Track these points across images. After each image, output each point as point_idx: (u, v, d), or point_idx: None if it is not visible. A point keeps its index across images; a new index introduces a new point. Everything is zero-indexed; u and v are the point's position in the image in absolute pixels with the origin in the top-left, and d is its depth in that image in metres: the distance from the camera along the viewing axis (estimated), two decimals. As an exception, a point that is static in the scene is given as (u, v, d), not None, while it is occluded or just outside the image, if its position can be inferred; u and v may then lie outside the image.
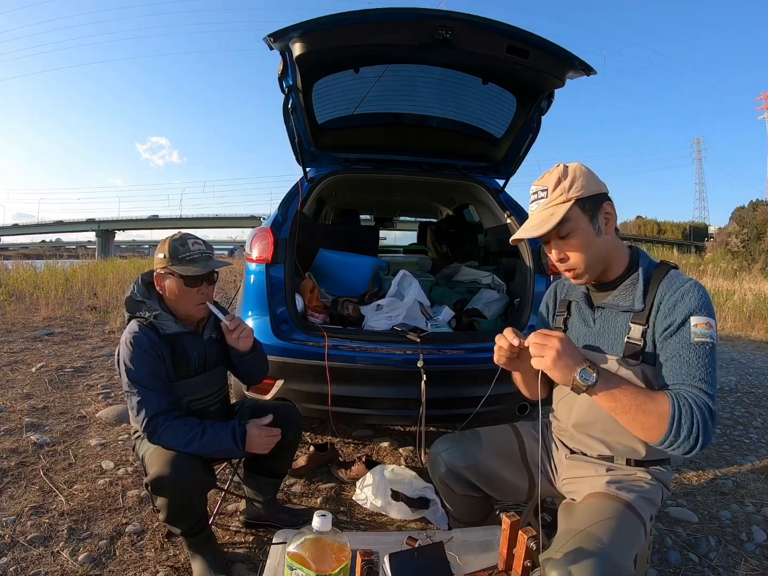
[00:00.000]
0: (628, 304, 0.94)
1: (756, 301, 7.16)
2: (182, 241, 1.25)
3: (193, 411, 1.30)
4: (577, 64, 1.65)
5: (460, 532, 1.11)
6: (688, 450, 0.78)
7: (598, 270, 0.96)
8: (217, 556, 1.27)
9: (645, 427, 0.80)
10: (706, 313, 0.86)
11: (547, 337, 0.82)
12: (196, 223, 54.42)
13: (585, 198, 0.91)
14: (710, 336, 0.85)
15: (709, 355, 0.85)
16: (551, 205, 0.92)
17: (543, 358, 0.81)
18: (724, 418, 2.77)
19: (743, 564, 1.42)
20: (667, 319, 0.88)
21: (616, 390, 0.80)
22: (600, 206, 0.94)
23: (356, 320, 2.00)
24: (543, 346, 0.82)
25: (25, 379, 2.82)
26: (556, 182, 0.92)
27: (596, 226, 0.93)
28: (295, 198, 2.06)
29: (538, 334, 0.83)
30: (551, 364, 0.80)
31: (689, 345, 0.85)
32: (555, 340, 0.81)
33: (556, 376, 0.82)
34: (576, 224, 0.91)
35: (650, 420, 0.79)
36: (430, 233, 4.09)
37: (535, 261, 1.97)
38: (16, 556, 1.28)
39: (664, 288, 0.91)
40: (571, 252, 0.93)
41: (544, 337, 0.83)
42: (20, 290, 6.09)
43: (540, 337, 0.83)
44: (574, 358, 0.81)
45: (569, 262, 0.95)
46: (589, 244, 0.92)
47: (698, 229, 41.71)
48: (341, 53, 1.73)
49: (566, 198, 0.90)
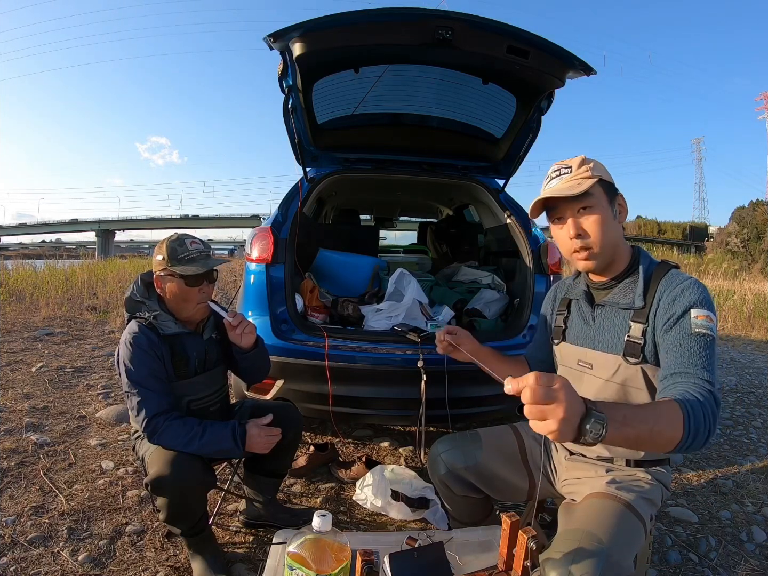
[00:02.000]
0: (628, 301, 0.95)
1: (756, 301, 7.16)
2: (180, 242, 1.25)
3: (193, 411, 1.30)
4: (577, 64, 1.65)
5: (460, 532, 1.11)
6: (701, 446, 0.74)
7: (608, 257, 0.97)
8: (217, 556, 1.27)
9: (660, 445, 0.72)
10: (706, 307, 0.86)
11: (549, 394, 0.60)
12: (196, 223, 54.46)
13: (605, 181, 0.95)
14: (710, 329, 0.84)
15: (710, 347, 0.83)
16: (577, 178, 0.93)
17: (545, 423, 0.61)
18: (724, 418, 2.76)
19: (743, 564, 1.42)
20: (667, 313, 0.88)
21: (628, 429, 0.67)
22: (616, 195, 0.97)
23: (356, 320, 2.00)
24: (545, 407, 0.61)
25: (25, 379, 2.82)
26: (580, 162, 0.95)
27: (614, 210, 0.96)
28: (295, 198, 2.06)
29: (537, 391, 0.60)
30: (557, 429, 0.61)
31: (689, 335, 0.84)
32: (560, 395, 0.60)
33: (560, 439, 0.62)
34: (598, 200, 0.93)
35: (665, 439, 0.71)
36: (430, 233, 4.09)
37: (535, 261, 1.97)
38: (16, 556, 1.28)
39: (664, 285, 0.91)
40: (590, 227, 0.93)
41: (545, 393, 0.60)
42: (20, 290, 6.08)
43: (540, 394, 0.60)
44: (579, 411, 0.63)
45: (587, 239, 0.94)
46: (608, 223, 0.94)
47: (698, 229, 41.70)
48: (341, 53, 1.73)
49: (591, 175, 0.93)
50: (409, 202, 4.67)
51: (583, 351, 1.02)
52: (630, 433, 0.67)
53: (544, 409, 0.61)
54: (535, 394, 0.60)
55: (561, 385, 0.61)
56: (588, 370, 1.01)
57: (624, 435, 0.67)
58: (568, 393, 0.61)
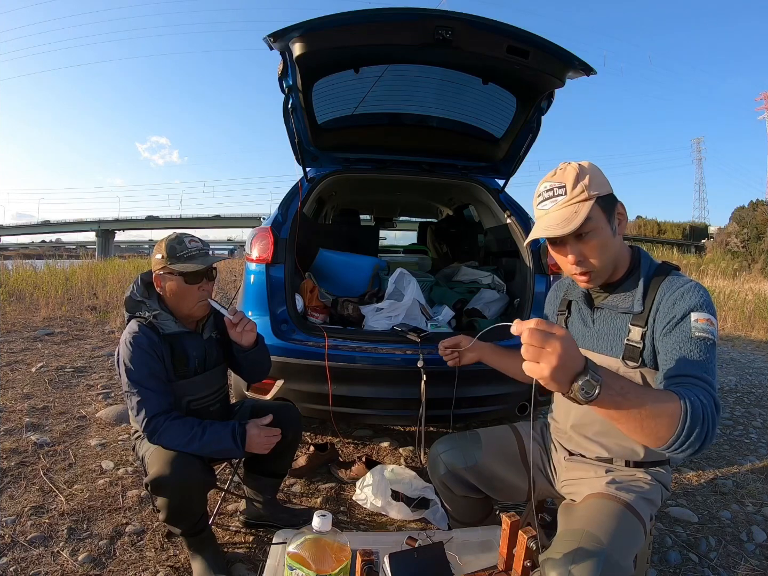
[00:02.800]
0: (628, 305, 0.93)
1: (756, 301, 7.16)
2: (179, 240, 1.25)
3: (193, 411, 1.30)
4: (577, 64, 1.65)
5: (460, 532, 1.11)
6: (697, 450, 0.69)
7: (609, 271, 0.94)
8: (217, 556, 1.27)
9: (651, 431, 0.68)
10: (707, 311, 0.84)
11: (547, 338, 0.61)
12: (196, 223, 54.48)
13: (603, 196, 0.89)
14: (711, 333, 0.82)
15: (710, 350, 0.81)
16: (573, 202, 0.87)
17: (538, 366, 0.62)
18: (724, 418, 2.77)
19: (743, 564, 1.43)
20: (667, 316, 0.86)
21: (622, 400, 0.66)
22: (615, 206, 0.92)
23: (356, 320, 2.00)
24: (540, 350, 0.61)
25: (25, 379, 2.82)
26: (575, 179, 0.87)
27: (613, 226, 0.91)
28: (295, 198, 2.06)
29: (535, 332, 0.62)
30: (549, 375, 0.62)
31: (690, 339, 0.82)
32: (556, 343, 0.61)
33: (551, 386, 0.64)
34: (596, 224, 0.87)
35: (657, 425, 0.67)
36: (430, 233, 4.09)
37: (535, 261, 1.97)
38: (16, 556, 1.28)
39: (664, 288, 0.90)
40: (591, 253, 0.89)
41: (542, 336, 0.61)
42: (20, 290, 6.08)
43: (537, 336, 0.62)
44: (576, 366, 0.63)
45: (588, 263, 0.91)
46: (607, 244, 0.89)
47: (698, 229, 41.70)
48: (341, 53, 1.73)
49: (588, 195, 0.86)
50: (409, 202, 4.67)
51: (582, 353, 1.02)
52: (623, 404, 0.66)
53: (540, 352, 0.62)
54: (533, 335, 0.62)
55: (561, 335, 0.62)
56: None
57: (616, 404, 0.66)
58: (566, 343, 0.62)
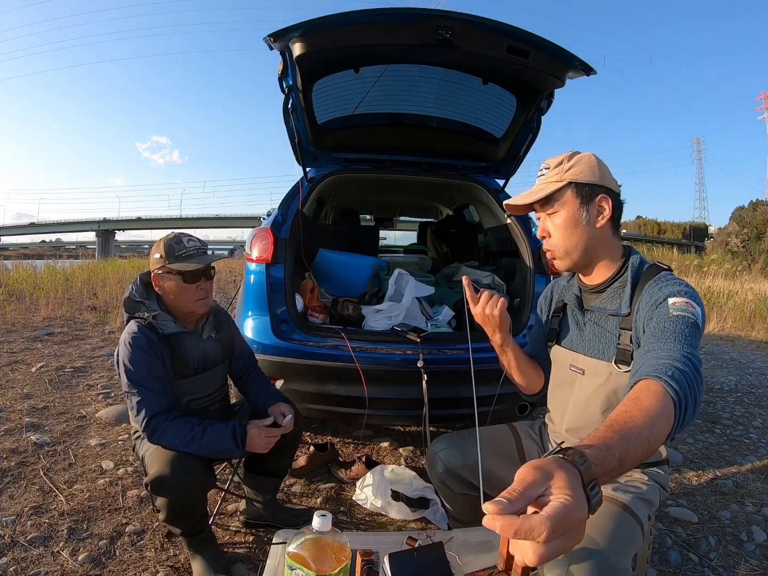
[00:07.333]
0: (615, 307, 0.93)
1: (756, 301, 7.16)
2: (177, 240, 1.26)
3: (192, 411, 1.30)
4: (577, 64, 1.65)
5: (460, 532, 1.10)
6: (691, 419, 0.66)
7: (577, 261, 0.96)
8: (217, 556, 1.27)
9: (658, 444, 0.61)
10: (687, 297, 0.81)
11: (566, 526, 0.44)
12: (196, 223, 54.44)
13: (580, 183, 0.92)
14: (692, 313, 0.78)
15: (690, 327, 0.76)
16: (546, 182, 0.95)
17: (558, 547, 0.44)
18: (724, 418, 2.77)
19: (743, 564, 1.43)
20: (647, 308, 0.85)
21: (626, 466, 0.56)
22: (594, 197, 0.92)
23: (356, 320, 2.00)
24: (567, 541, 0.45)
25: (25, 379, 2.82)
26: (558, 163, 0.95)
27: (585, 214, 0.92)
28: (295, 198, 2.06)
29: (557, 526, 0.43)
30: (574, 545, 0.46)
31: (668, 318, 0.78)
32: (543, 526, 0.42)
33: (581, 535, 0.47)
34: (563, 205, 0.93)
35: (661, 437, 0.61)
36: (430, 233, 4.09)
37: (535, 261, 1.97)
38: (16, 556, 1.28)
39: (648, 288, 0.88)
40: (552, 231, 0.96)
41: (563, 526, 0.44)
42: (20, 290, 6.08)
43: (560, 527, 0.43)
44: (580, 512, 0.46)
45: (549, 241, 0.97)
46: (572, 227, 0.93)
47: (698, 229, 41.71)
48: (341, 53, 1.73)
49: (560, 179, 0.93)
50: (409, 202, 4.66)
51: (575, 356, 1.01)
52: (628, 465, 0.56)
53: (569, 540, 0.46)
54: (557, 526, 0.43)
55: (546, 516, 0.44)
56: (580, 376, 0.99)
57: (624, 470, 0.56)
58: (555, 518, 0.44)
